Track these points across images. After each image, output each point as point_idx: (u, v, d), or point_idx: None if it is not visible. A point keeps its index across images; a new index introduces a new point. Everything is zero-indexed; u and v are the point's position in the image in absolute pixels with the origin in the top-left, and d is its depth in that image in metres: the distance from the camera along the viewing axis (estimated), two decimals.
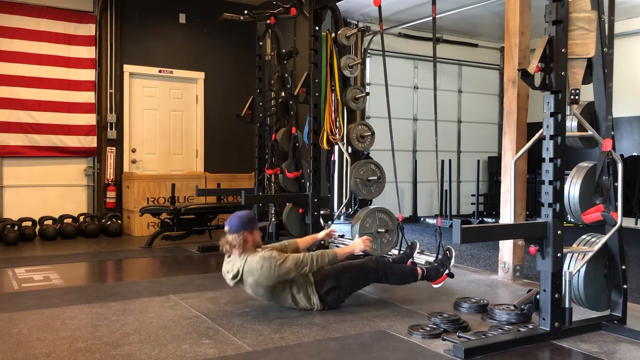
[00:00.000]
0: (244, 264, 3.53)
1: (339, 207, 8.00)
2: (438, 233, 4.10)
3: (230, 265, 3.61)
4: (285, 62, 6.26)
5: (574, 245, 3.33)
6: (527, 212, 5.99)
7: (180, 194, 7.30)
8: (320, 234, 4.22)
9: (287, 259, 3.53)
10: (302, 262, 3.56)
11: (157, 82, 8.20)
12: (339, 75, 5.35)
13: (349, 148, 5.53)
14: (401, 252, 4.41)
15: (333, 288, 3.68)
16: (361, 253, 3.99)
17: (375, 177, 5.28)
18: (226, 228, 3.62)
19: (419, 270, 3.92)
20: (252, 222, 3.67)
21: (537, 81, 3.05)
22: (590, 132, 3.32)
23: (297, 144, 5.71)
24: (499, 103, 10.43)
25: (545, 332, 3.06)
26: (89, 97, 7.61)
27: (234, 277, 3.58)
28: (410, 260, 4.19)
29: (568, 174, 3.36)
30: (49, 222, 7.01)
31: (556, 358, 2.91)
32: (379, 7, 4.68)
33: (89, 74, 7.61)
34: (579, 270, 3.23)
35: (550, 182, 3.05)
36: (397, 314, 3.60)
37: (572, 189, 3.35)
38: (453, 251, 4.01)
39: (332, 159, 5.82)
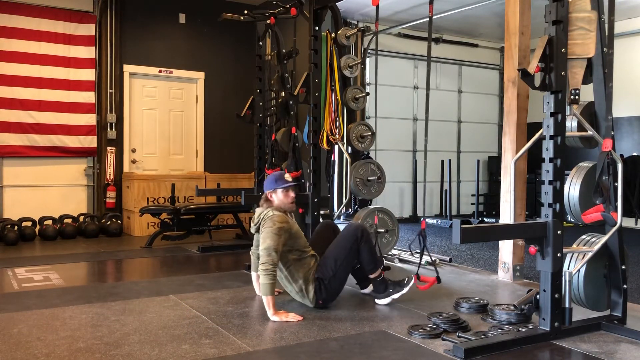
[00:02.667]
0: (263, 215, 3.71)
1: (339, 207, 8.00)
2: (418, 247, 3.63)
3: (257, 215, 3.80)
4: (285, 62, 6.25)
5: (574, 245, 3.33)
6: (527, 212, 5.99)
7: (180, 194, 7.30)
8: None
9: (270, 243, 3.48)
10: (268, 260, 3.45)
11: (157, 82, 8.20)
12: (339, 75, 5.34)
13: (349, 148, 5.53)
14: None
15: (332, 277, 3.69)
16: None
17: (375, 177, 5.27)
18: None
19: (379, 269, 3.85)
20: (276, 182, 3.85)
21: (537, 81, 3.05)
22: (590, 132, 3.32)
23: (297, 144, 5.71)
24: (499, 103, 10.43)
25: (545, 332, 3.06)
26: (89, 97, 7.61)
27: (256, 225, 3.76)
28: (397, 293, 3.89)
29: (568, 174, 3.36)
30: (49, 222, 7.01)
31: (556, 358, 2.91)
32: (377, 6, 4.67)
33: (89, 74, 7.61)
34: (579, 270, 3.23)
35: (550, 182, 3.05)
36: (397, 314, 3.60)
37: (572, 189, 3.35)
38: (411, 282, 3.78)
39: (332, 159, 5.82)
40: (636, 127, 8.52)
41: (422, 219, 4.16)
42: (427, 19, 4.10)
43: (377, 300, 3.82)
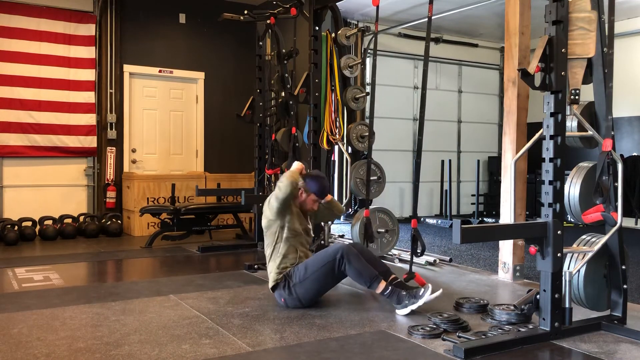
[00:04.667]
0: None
1: None
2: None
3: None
4: (285, 62, 6.25)
5: (574, 245, 3.33)
6: (527, 212, 5.99)
7: (180, 194, 7.30)
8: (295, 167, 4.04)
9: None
10: (275, 193, 3.76)
11: (157, 82, 8.20)
12: (339, 75, 5.35)
13: (349, 148, 5.53)
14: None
15: (298, 284, 3.69)
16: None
17: (375, 177, 5.28)
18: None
19: (382, 284, 3.60)
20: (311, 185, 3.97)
21: (537, 81, 3.05)
22: (590, 132, 3.32)
23: (297, 144, 5.71)
24: (499, 103, 10.43)
25: (545, 332, 3.06)
26: (89, 97, 7.61)
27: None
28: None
29: (568, 174, 3.36)
30: (49, 222, 7.01)
31: (556, 358, 2.91)
32: (377, 7, 4.67)
33: (89, 74, 7.61)
34: (579, 270, 3.23)
35: (550, 182, 3.05)
36: (397, 314, 3.60)
37: (572, 189, 3.35)
38: (427, 292, 3.56)
39: (332, 159, 5.82)
40: (636, 127, 8.52)
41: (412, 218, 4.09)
42: (427, 19, 4.10)
43: (397, 311, 3.60)
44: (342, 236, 6.80)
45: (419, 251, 4.18)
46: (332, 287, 3.85)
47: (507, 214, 4.71)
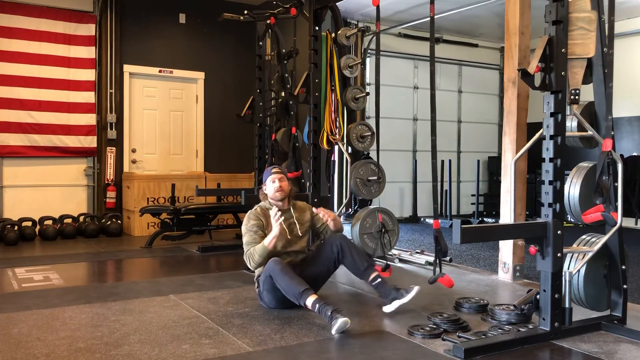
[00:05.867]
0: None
1: (339, 207, 8.00)
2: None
3: None
4: (285, 62, 6.25)
5: (574, 245, 3.33)
6: (527, 212, 5.99)
7: (180, 194, 7.30)
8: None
9: (247, 239, 3.74)
10: (246, 255, 3.70)
11: (157, 82, 8.20)
12: (339, 75, 5.34)
13: (349, 148, 5.53)
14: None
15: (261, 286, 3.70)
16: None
17: (375, 177, 5.27)
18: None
19: (310, 298, 3.32)
20: (264, 174, 4.03)
21: (537, 81, 3.05)
22: (590, 132, 3.32)
23: (297, 144, 5.71)
24: (499, 103, 10.43)
25: (545, 332, 3.06)
26: (89, 97, 7.61)
27: None
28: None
29: (568, 174, 3.36)
30: (49, 222, 7.01)
31: (556, 358, 2.91)
32: (377, 7, 4.67)
33: (89, 74, 7.61)
34: (579, 270, 3.23)
35: (550, 182, 3.04)
36: (397, 314, 3.60)
37: (572, 189, 3.35)
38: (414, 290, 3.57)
39: (332, 159, 5.82)
40: (636, 127, 8.52)
41: (433, 219, 4.03)
42: (427, 19, 4.10)
43: (384, 307, 3.63)
44: None
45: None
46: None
47: (507, 214, 4.71)
